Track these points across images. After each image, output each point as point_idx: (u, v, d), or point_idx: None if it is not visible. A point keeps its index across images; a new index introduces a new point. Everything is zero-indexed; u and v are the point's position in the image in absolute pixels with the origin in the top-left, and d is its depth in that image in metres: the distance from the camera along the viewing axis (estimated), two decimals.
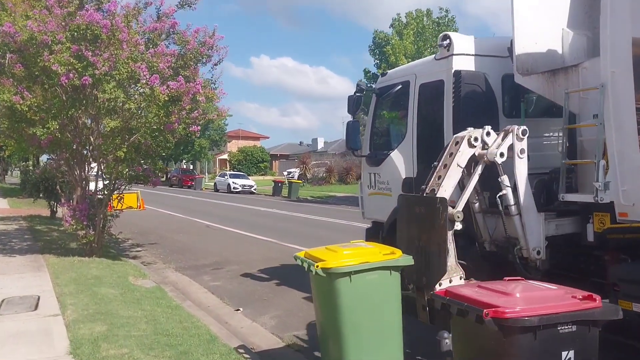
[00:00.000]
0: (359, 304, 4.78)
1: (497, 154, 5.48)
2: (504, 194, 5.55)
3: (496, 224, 6.03)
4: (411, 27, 29.69)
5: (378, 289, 4.87)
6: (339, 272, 4.69)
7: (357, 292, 4.77)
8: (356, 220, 20.14)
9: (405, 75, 7.80)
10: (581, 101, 5.70)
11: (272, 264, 11.29)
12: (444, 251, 5.19)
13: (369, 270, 4.77)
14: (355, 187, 43.51)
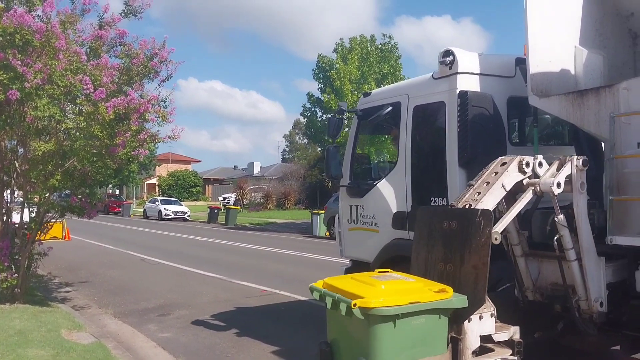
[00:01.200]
0: (398, 355, 3.78)
1: (554, 183, 4.62)
2: (562, 235, 4.72)
3: (539, 269, 5.19)
4: (355, 52, 29.27)
5: (424, 336, 3.92)
6: (383, 315, 3.71)
7: (399, 339, 3.80)
8: (306, 251, 19.08)
9: (395, 96, 6.87)
10: (622, 127, 4.92)
11: (226, 307, 9.97)
12: (483, 276, 4.20)
13: (418, 313, 3.81)
14: (294, 212, 42.65)
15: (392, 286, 4.03)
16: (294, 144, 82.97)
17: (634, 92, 4.89)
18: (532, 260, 5.26)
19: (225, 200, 50.00)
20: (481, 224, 4.31)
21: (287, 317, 9.18)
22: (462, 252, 4.42)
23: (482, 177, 4.89)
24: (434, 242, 4.69)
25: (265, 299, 10.68)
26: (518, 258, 5.23)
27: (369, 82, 28.51)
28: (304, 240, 24.56)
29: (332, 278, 4.40)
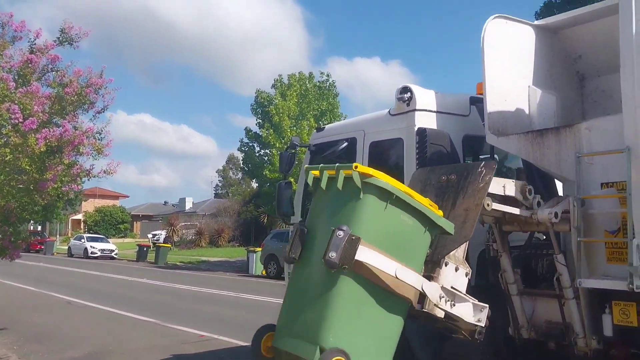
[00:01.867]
0: (379, 241, 3.91)
1: (552, 213, 4.69)
2: (561, 274, 4.70)
3: (534, 307, 5.13)
4: (294, 88, 29.37)
5: (405, 241, 4.04)
6: (379, 187, 3.88)
7: (383, 226, 3.94)
8: (244, 292, 18.41)
9: (351, 131, 6.67)
10: (584, 167, 4.87)
11: (163, 354, 9.26)
12: (473, 217, 4.38)
13: (410, 210, 3.98)
14: (228, 250, 41.57)
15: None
16: (227, 179, 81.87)
17: (596, 132, 4.88)
18: (526, 298, 5.20)
19: (155, 238, 48.22)
20: (482, 172, 4.53)
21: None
22: (455, 198, 4.59)
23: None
24: (425, 195, 4.60)
25: (205, 344, 10.04)
26: (513, 297, 5.16)
27: (308, 118, 28.60)
28: (239, 279, 23.85)
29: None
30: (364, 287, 3.89)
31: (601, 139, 4.81)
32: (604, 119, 4.92)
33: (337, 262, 3.71)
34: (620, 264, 4.60)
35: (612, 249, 4.72)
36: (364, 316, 3.94)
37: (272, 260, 23.90)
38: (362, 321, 3.94)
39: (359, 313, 3.92)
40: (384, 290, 3.93)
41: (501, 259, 5.13)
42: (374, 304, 3.95)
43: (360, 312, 3.93)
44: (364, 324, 3.95)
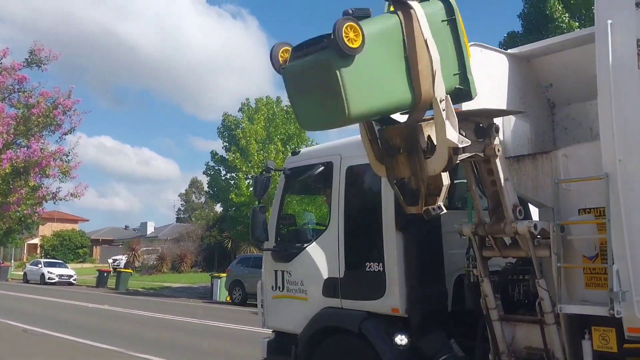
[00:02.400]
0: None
1: (530, 225, 4.70)
2: (542, 299, 4.67)
3: (514, 333, 5.09)
4: (262, 112, 29.35)
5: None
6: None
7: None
8: (208, 318, 18.01)
9: (327, 155, 6.62)
10: (562, 193, 4.92)
11: None
12: None
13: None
14: (191, 276, 40.73)
15: None
16: (190, 203, 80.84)
17: (573, 158, 4.95)
18: (506, 324, 5.16)
19: (116, 263, 47.04)
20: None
21: None
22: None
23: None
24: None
25: None
26: (494, 322, 5.11)
27: (275, 142, 28.55)
28: (203, 306, 23.36)
29: None
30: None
31: (578, 165, 4.88)
32: (581, 146, 5.01)
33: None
34: (598, 290, 4.63)
35: (590, 275, 4.75)
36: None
37: (238, 286, 23.51)
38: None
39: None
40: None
41: (482, 284, 5.11)
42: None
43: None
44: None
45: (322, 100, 4.05)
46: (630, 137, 4.30)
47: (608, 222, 4.36)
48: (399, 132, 4.56)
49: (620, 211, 4.30)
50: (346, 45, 3.80)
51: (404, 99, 4.22)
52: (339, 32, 3.77)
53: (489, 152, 4.80)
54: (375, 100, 4.11)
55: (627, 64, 4.36)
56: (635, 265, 4.25)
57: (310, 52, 4.10)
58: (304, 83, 4.20)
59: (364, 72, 3.97)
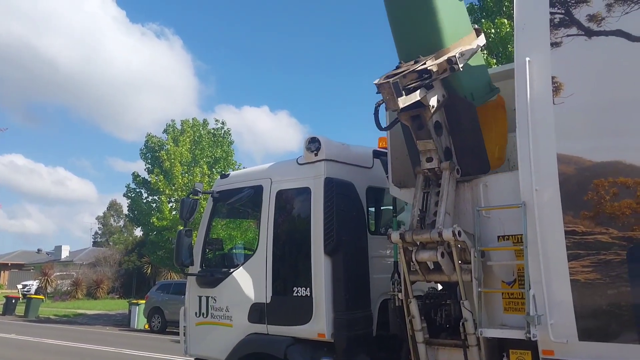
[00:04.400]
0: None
1: (454, 232, 4.87)
2: (466, 320, 4.76)
3: (437, 357, 5.21)
4: (187, 134, 28.86)
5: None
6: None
7: None
8: (126, 347, 17.20)
9: (256, 179, 6.60)
10: (482, 221, 5.13)
11: None
12: None
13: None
14: (107, 302, 38.96)
15: None
16: (108, 226, 77.71)
17: (492, 187, 5.18)
18: (429, 348, 5.26)
19: (26, 289, 44.24)
20: None
21: None
22: None
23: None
24: None
25: None
26: (419, 344, 5.21)
27: (201, 165, 28.08)
28: (120, 334, 22.34)
29: None
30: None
31: (497, 194, 5.11)
32: (501, 175, 5.24)
33: None
34: (516, 314, 4.84)
35: (509, 299, 4.96)
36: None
37: (157, 313, 22.67)
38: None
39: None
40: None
41: (410, 305, 5.20)
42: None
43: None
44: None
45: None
46: (546, 168, 4.56)
47: (525, 249, 4.58)
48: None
49: (537, 238, 4.53)
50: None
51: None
52: None
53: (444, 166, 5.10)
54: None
55: (543, 99, 4.65)
56: (550, 290, 4.48)
57: None
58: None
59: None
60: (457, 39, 5.02)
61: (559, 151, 4.53)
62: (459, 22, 5.20)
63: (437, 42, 4.91)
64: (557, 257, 4.45)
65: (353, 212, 6.02)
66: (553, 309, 4.45)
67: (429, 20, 4.88)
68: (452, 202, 5.15)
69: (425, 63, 4.73)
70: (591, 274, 4.33)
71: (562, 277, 4.42)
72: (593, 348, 4.31)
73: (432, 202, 5.21)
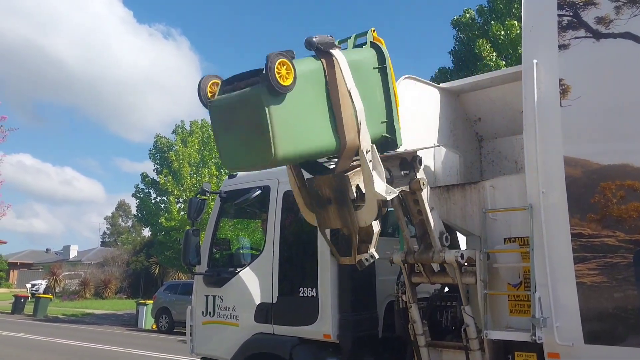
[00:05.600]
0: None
1: (458, 254, 4.88)
2: (468, 325, 4.79)
3: (440, 358, 5.23)
4: (196, 135, 29.00)
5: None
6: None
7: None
8: (134, 347, 17.28)
9: (264, 179, 6.62)
10: (489, 222, 5.13)
11: None
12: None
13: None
14: (115, 302, 39.15)
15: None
16: (116, 226, 78.05)
17: (500, 189, 5.17)
18: (433, 350, 5.27)
19: (35, 288, 44.54)
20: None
21: None
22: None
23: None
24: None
25: None
26: (421, 348, 5.21)
27: (209, 166, 28.16)
28: (128, 334, 22.44)
29: None
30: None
31: (504, 196, 5.10)
32: (507, 177, 5.25)
33: (316, 42, 4.08)
34: (522, 316, 4.83)
35: (514, 302, 4.95)
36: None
37: (165, 313, 22.76)
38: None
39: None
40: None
41: (411, 310, 5.21)
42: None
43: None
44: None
45: (249, 139, 3.92)
46: (553, 171, 4.56)
47: (531, 251, 4.58)
48: (327, 183, 4.55)
49: (543, 241, 4.53)
50: (278, 82, 3.71)
51: (330, 145, 4.18)
52: (271, 67, 3.67)
53: (415, 186, 4.90)
54: (302, 143, 4.01)
55: (550, 101, 4.65)
56: (555, 293, 4.47)
57: (240, 86, 3.96)
58: (231, 119, 4.05)
59: (292, 113, 3.87)
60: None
61: (566, 154, 4.52)
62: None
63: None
64: (563, 259, 4.44)
65: None
66: (559, 311, 4.44)
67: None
68: (437, 217, 5.12)
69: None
70: (597, 277, 4.32)
71: (568, 279, 4.41)
72: (599, 351, 4.29)
73: (415, 216, 5.16)
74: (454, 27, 21.59)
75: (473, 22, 20.94)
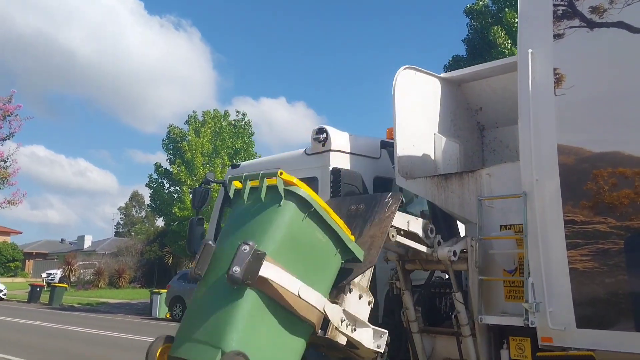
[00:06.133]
0: (287, 256, 3.97)
1: (450, 251, 4.90)
2: (459, 312, 4.87)
3: (433, 345, 5.29)
4: (209, 125, 29.19)
5: (317, 260, 4.15)
6: (300, 196, 4.06)
7: (299, 237, 4.06)
8: (148, 335, 17.51)
9: (266, 169, 6.64)
10: (485, 210, 5.21)
11: None
12: (378, 244, 4.45)
13: (325, 226, 4.18)
14: (129, 292, 39.66)
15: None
16: (130, 217, 78.74)
17: (496, 177, 5.25)
18: (426, 336, 5.36)
19: (50, 277, 45.15)
20: (388, 203, 4.61)
21: None
22: (362, 227, 4.59)
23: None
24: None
25: None
26: (414, 334, 5.30)
27: (222, 156, 28.34)
28: (142, 322, 22.79)
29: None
30: (268, 303, 3.84)
31: (500, 184, 5.18)
32: (503, 166, 5.32)
33: (240, 278, 3.64)
34: (516, 302, 4.92)
35: (509, 288, 5.05)
36: (268, 329, 3.88)
37: (178, 302, 23.06)
38: (266, 333, 3.87)
39: (263, 325, 3.85)
40: (287, 310, 3.91)
41: (403, 297, 5.30)
42: (278, 320, 3.91)
43: (265, 324, 3.86)
44: (267, 336, 3.88)
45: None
46: (547, 158, 4.63)
47: (525, 238, 4.67)
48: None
49: (537, 227, 4.62)
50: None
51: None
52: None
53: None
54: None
55: (545, 91, 4.72)
56: (549, 278, 4.56)
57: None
58: None
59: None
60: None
61: (560, 142, 4.59)
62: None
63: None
64: (556, 245, 4.53)
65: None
66: (552, 296, 4.53)
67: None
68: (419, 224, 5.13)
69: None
70: (589, 263, 4.39)
71: (561, 265, 4.49)
72: (590, 335, 4.38)
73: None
74: (467, 15, 21.44)
75: (487, 10, 20.80)
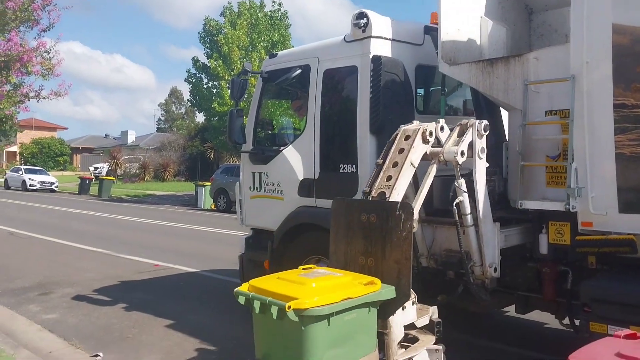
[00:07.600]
0: (331, 351, 3.64)
1: (457, 152, 4.60)
2: (461, 200, 4.70)
3: (434, 236, 5.24)
4: (245, 17, 28.46)
5: (355, 331, 3.79)
6: (317, 315, 3.49)
7: (332, 337, 3.63)
8: (194, 224, 18.42)
9: (304, 58, 6.60)
10: (531, 95, 5.06)
11: (117, 283, 9.32)
12: (407, 271, 4.09)
13: (351, 309, 3.66)
14: (174, 184, 41.12)
15: (322, 283, 3.85)
16: (170, 113, 79.81)
17: (543, 62, 5.04)
18: (427, 226, 5.30)
19: (97, 171, 47.02)
20: (401, 218, 4.14)
21: (186, 292, 8.73)
22: (383, 246, 4.26)
23: (388, 156, 4.74)
24: (353, 234, 4.49)
25: (160, 273, 10.14)
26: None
27: (259, 49, 27.86)
28: (188, 212, 23.78)
29: (258, 280, 4.06)
30: None
31: (548, 68, 4.97)
32: (552, 48, 5.09)
33: None
34: (558, 187, 4.89)
35: (551, 173, 5.00)
36: None
37: (222, 194, 23.88)
38: None
39: None
40: None
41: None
42: None
43: None
44: None
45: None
46: (600, 39, 4.39)
47: (570, 122, 4.55)
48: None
49: (583, 111, 4.48)
50: None
51: None
52: None
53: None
54: None
55: None
56: (592, 163, 4.48)
57: None
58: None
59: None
60: None
61: (615, 21, 4.31)
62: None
63: None
64: (604, 130, 4.39)
65: (401, 92, 5.98)
66: (595, 181, 4.47)
67: None
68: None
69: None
70: (638, 148, 4.28)
71: (607, 150, 4.39)
72: (632, 220, 4.35)
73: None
74: None
75: None
